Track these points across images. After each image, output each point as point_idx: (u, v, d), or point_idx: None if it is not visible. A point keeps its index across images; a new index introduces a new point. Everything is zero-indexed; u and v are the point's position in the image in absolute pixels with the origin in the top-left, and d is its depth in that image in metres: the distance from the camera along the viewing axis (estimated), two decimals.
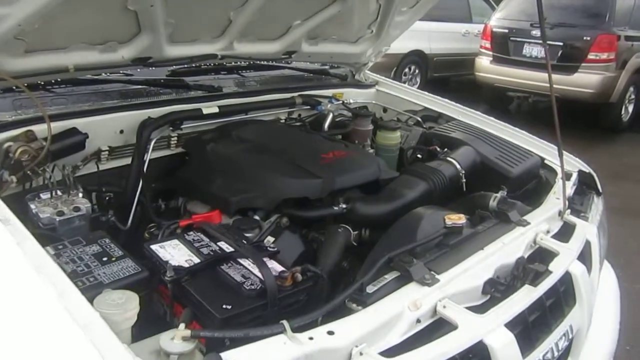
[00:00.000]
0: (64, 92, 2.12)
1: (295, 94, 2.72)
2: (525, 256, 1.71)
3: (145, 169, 2.09)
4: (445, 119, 2.90)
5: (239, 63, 2.78)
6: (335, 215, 1.92)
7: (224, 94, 2.47)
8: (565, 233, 1.97)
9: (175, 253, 1.47)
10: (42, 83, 2.10)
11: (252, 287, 1.34)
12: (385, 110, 3.14)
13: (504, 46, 8.46)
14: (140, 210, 2.12)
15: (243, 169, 1.99)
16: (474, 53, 9.06)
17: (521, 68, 8.09)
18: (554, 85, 1.94)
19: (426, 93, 3.10)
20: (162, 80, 2.32)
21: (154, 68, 2.28)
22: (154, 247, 1.49)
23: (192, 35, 2.21)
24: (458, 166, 2.23)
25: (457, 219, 1.68)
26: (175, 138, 2.28)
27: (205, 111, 2.29)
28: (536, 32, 7.89)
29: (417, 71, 9.56)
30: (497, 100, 8.86)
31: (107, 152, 2.08)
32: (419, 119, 2.94)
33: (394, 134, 2.59)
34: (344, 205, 1.90)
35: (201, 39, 2.25)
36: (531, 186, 2.40)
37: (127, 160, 2.10)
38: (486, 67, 8.68)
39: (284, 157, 2.04)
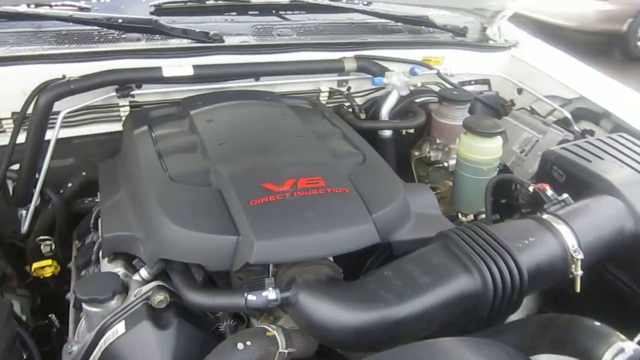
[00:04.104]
0: None
1: (350, 55, 1.72)
2: None
3: (50, 152, 1.41)
4: (614, 123, 1.64)
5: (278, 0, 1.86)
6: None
7: (222, 47, 1.61)
8: None
9: None
10: None
11: None
12: (520, 91, 1.96)
13: None
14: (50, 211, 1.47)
15: (143, 186, 1.16)
16: None
17: None
18: None
19: (593, 70, 1.82)
20: (119, 21, 1.53)
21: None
22: None
23: None
24: (571, 243, 1.06)
25: None
26: (127, 108, 1.54)
27: (167, 72, 1.47)
28: None
29: None
30: None
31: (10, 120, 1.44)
32: (568, 115, 1.74)
33: (490, 143, 1.46)
34: (272, 296, 0.96)
35: None
36: None
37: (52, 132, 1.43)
38: None
39: (215, 180, 1.13)
